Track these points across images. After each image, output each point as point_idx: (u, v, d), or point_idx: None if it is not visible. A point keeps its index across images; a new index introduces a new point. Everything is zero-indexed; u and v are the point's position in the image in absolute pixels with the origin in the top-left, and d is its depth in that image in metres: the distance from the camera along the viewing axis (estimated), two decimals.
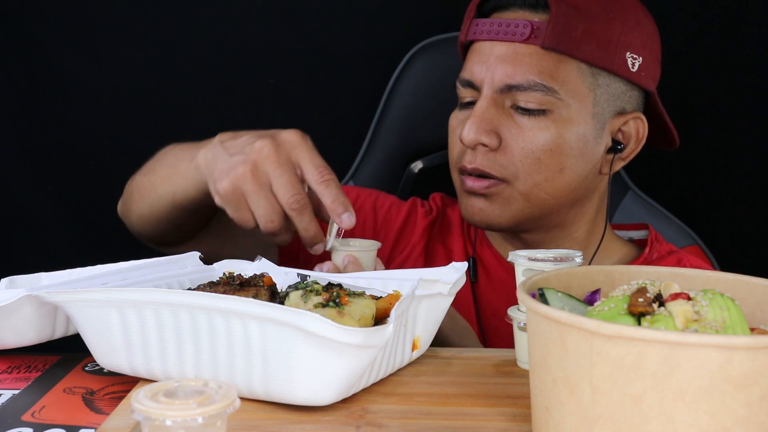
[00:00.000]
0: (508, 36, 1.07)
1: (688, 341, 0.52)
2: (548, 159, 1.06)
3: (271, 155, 0.92)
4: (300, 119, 1.64)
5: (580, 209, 1.14)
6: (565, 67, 1.06)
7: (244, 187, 0.90)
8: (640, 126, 1.12)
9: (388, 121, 1.47)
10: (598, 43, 1.05)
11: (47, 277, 0.92)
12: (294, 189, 0.90)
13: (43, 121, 1.65)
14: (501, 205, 1.09)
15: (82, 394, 0.79)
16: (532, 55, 1.05)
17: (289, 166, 0.92)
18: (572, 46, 1.05)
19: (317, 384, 0.68)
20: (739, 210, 1.64)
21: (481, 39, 1.09)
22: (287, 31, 1.61)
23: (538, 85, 1.05)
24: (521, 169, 1.06)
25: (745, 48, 1.58)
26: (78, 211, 1.66)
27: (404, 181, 1.49)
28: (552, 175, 1.07)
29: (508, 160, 1.07)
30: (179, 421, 0.52)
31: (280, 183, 0.91)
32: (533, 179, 1.07)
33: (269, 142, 0.93)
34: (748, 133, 1.61)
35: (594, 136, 1.08)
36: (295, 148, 0.94)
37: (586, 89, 1.07)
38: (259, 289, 0.79)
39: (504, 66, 1.06)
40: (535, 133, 1.06)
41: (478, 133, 1.06)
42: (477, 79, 1.08)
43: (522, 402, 0.73)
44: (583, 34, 1.05)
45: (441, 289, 0.81)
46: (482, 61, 1.08)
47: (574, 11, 1.05)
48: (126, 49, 1.62)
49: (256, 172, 0.91)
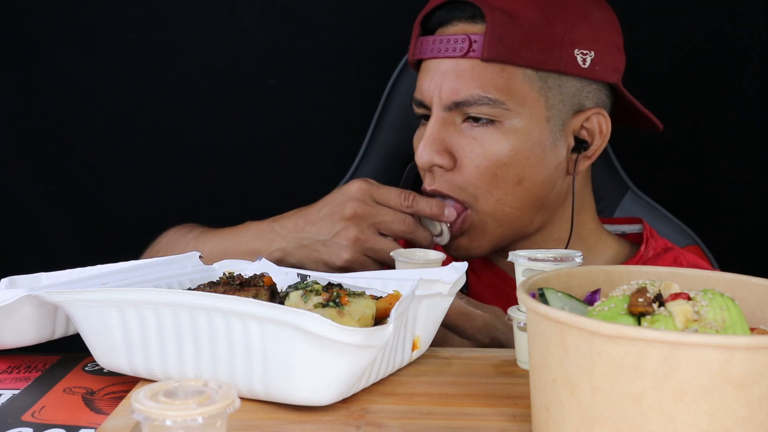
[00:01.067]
0: (449, 52, 1.06)
1: (688, 341, 0.52)
2: (504, 173, 1.05)
3: (360, 206, 1.05)
4: (300, 119, 1.64)
5: (554, 213, 1.12)
6: (509, 76, 1.04)
7: (362, 248, 1.04)
8: (602, 121, 1.09)
9: (387, 121, 1.47)
10: (539, 46, 1.03)
11: (47, 277, 0.92)
12: (397, 217, 1.05)
13: (43, 122, 1.64)
14: (478, 236, 1.09)
15: (82, 394, 0.79)
16: (474, 69, 1.04)
17: (378, 208, 1.05)
18: (512, 55, 1.03)
19: (317, 384, 0.68)
20: (739, 210, 1.63)
21: (426, 57, 1.09)
22: (287, 31, 1.61)
23: (483, 98, 1.03)
24: (480, 188, 1.06)
25: (744, 48, 1.58)
26: (78, 211, 1.66)
27: (404, 181, 1.49)
28: (511, 188, 1.06)
29: (465, 180, 1.06)
30: (179, 421, 0.52)
31: (385, 222, 1.05)
32: (494, 196, 1.06)
33: (351, 201, 1.05)
34: (748, 133, 1.61)
35: (552, 140, 1.07)
36: (372, 191, 1.06)
37: (535, 94, 1.05)
38: (259, 289, 0.79)
39: (448, 83, 1.05)
40: (488, 147, 1.04)
41: (431, 155, 1.05)
42: (426, 98, 1.08)
43: (522, 402, 0.73)
44: (522, 41, 1.03)
45: (441, 289, 0.81)
46: (429, 79, 1.08)
47: (509, 18, 1.03)
48: (126, 49, 1.62)
49: (361, 228, 1.05)
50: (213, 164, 1.64)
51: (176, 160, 1.65)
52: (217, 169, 1.65)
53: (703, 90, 1.60)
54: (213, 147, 1.65)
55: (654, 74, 1.57)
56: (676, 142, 1.61)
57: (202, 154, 1.65)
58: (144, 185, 1.66)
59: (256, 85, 1.63)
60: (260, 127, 1.64)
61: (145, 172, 1.66)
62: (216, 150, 1.64)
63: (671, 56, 1.60)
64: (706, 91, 1.60)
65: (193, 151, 1.65)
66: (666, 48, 1.59)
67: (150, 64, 1.63)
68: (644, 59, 1.53)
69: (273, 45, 1.62)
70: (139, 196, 1.66)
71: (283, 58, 1.62)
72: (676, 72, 1.60)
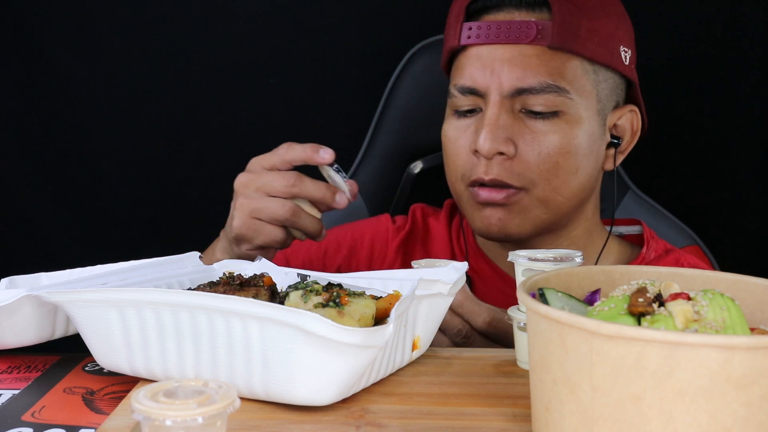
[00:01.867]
0: (512, 38, 1.04)
1: (688, 341, 0.52)
2: (565, 162, 1.05)
3: (244, 176, 1.01)
4: (300, 119, 1.64)
5: (581, 209, 1.13)
6: (572, 65, 1.04)
7: (247, 210, 0.99)
8: (634, 119, 1.12)
9: (387, 121, 1.47)
10: (599, 39, 1.05)
11: (47, 277, 0.92)
12: (282, 176, 0.98)
13: (43, 121, 1.65)
14: (520, 214, 1.07)
15: (82, 394, 0.79)
16: (540, 56, 1.03)
17: (261, 172, 0.99)
18: (578, 44, 1.04)
19: (317, 384, 0.68)
20: (739, 210, 1.63)
21: (479, 43, 1.06)
22: (287, 31, 1.61)
23: (551, 86, 1.03)
24: (539, 176, 1.04)
25: (744, 48, 1.58)
26: (78, 211, 1.66)
27: (404, 181, 1.49)
28: (568, 177, 1.06)
29: (525, 167, 1.04)
30: (179, 421, 0.52)
31: (268, 183, 0.98)
32: (551, 184, 1.05)
33: (239, 175, 1.01)
34: (749, 133, 1.61)
35: (600, 133, 1.08)
36: (258, 160, 1.01)
37: (590, 86, 1.06)
38: (259, 289, 0.79)
39: (512, 69, 1.03)
40: (550, 136, 1.04)
41: (495, 142, 1.03)
42: (481, 85, 1.05)
43: (522, 402, 0.73)
44: (586, 32, 1.04)
45: (441, 289, 0.81)
46: (485, 66, 1.05)
47: (575, 8, 1.04)
48: (126, 49, 1.62)
49: (246, 194, 1.00)
50: (213, 164, 1.64)
51: (176, 160, 1.65)
52: (217, 169, 1.65)
53: (704, 90, 1.60)
54: (213, 147, 1.65)
55: (654, 74, 1.57)
56: (677, 142, 1.61)
57: (202, 154, 1.65)
58: (144, 185, 1.66)
59: (256, 85, 1.63)
60: (260, 127, 1.64)
61: (145, 172, 1.66)
62: (216, 150, 1.64)
63: (672, 56, 1.60)
64: (707, 91, 1.60)
65: (193, 150, 1.65)
66: (666, 48, 1.59)
67: (150, 64, 1.63)
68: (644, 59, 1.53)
69: (273, 45, 1.62)
70: (139, 196, 1.66)
71: (283, 58, 1.62)
72: (677, 72, 1.60)
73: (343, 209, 1.02)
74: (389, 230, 1.26)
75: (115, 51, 1.62)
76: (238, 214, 1.00)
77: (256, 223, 0.99)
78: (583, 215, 1.14)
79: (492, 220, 1.07)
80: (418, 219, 1.28)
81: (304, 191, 0.99)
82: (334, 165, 1.00)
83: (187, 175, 1.65)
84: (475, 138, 1.05)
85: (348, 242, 1.25)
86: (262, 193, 0.99)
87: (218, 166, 1.65)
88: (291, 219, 0.99)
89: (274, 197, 0.98)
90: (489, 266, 1.20)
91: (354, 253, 1.25)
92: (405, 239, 1.25)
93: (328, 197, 0.99)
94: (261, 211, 0.99)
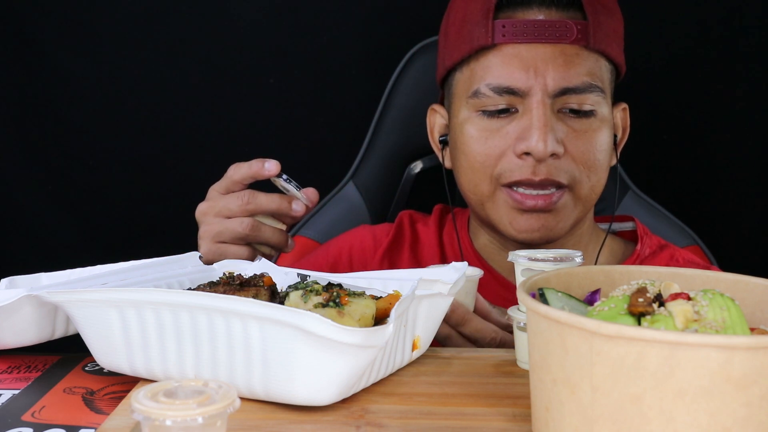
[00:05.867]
0: (553, 37, 1.03)
1: (688, 341, 0.52)
2: (603, 159, 1.07)
3: (203, 207, 1.02)
4: (300, 119, 1.64)
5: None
6: (600, 65, 1.06)
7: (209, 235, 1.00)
8: (624, 116, 1.16)
9: (387, 121, 1.47)
10: (617, 39, 1.07)
11: (47, 277, 0.92)
12: (236, 197, 0.99)
13: (43, 121, 1.65)
14: (563, 216, 1.07)
15: (82, 394, 0.79)
16: (580, 56, 1.04)
17: (217, 197, 1.01)
18: (608, 45, 1.05)
19: (317, 384, 0.68)
20: (739, 210, 1.64)
21: (517, 41, 1.04)
22: (287, 31, 1.61)
23: (592, 86, 1.04)
24: (582, 173, 1.05)
25: (744, 48, 1.58)
26: (78, 211, 1.66)
27: (404, 181, 1.49)
28: (602, 174, 1.08)
29: (572, 166, 1.05)
30: (179, 421, 0.52)
31: (225, 208, 1.00)
32: (591, 180, 1.06)
33: (198, 209, 1.03)
34: (748, 133, 1.61)
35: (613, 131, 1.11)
36: (215, 186, 1.03)
37: (609, 85, 1.08)
38: (259, 289, 0.79)
39: (558, 69, 1.02)
40: (590, 135, 1.05)
41: (551, 144, 1.02)
42: (522, 85, 1.03)
43: (522, 402, 0.73)
44: (612, 33, 1.06)
45: (441, 289, 0.81)
46: (526, 65, 1.03)
47: (603, 8, 1.05)
48: (126, 49, 1.62)
49: (206, 221, 1.01)
50: (213, 164, 1.62)
51: (176, 160, 1.65)
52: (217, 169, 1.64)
53: (704, 90, 1.60)
54: (213, 147, 1.65)
55: (654, 74, 1.57)
56: (677, 142, 1.61)
57: (202, 154, 1.65)
58: (144, 185, 1.66)
59: (256, 85, 1.63)
60: (260, 127, 1.64)
61: (145, 172, 1.66)
62: (216, 150, 1.64)
63: (671, 56, 1.60)
64: (707, 91, 1.60)
65: (193, 151, 1.65)
66: (666, 48, 1.59)
67: (150, 64, 1.63)
68: (645, 59, 1.53)
69: (273, 45, 1.62)
70: (139, 196, 1.66)
71: (283, 58, 1.62)
72: (677, 72, 1.60)
73: (302, 217, 1.02)
74: (369, 240, 1.25)
75: (115, 51, 1.62)
76: (203, 242, 1.01)
77: (221, 247, 1.00)
78: (590, 213, 1.16)
79: (534, 227, 1.06)
80: (405, 226, 1.27)
81: (260, 206, 1.00)
82: (283, 175, 1.01)
83: (186, 175, 1.65)
84: (521, 139, 1.04)
85: (329, 261, 1.25)
86: (222, 217, 1.00)
87: (218, 166, 1.64)
88: (252, 234, 1.00)
89: (232, 218, 1.00)
90: (487, 271, 1.19)
91: (336, 270, 1.23)
92: (389, 248, 1.24)
93: (284, 207, 1.00)
94: (222, 233, 1.00)
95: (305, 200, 1.01)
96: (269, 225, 1.02)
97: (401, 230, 1.26)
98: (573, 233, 1.14)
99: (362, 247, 1.25)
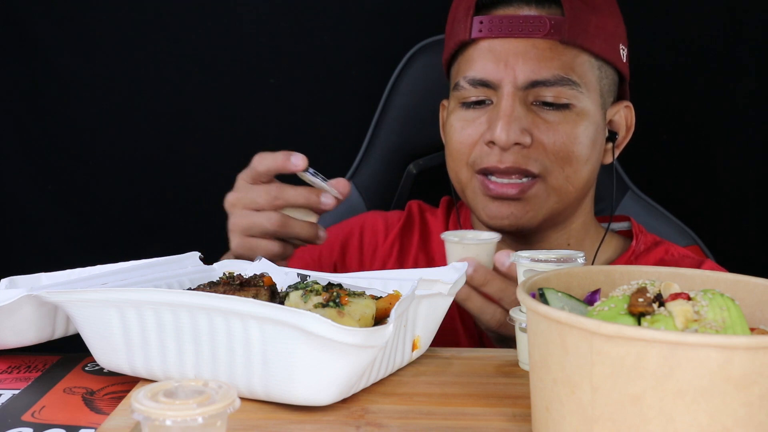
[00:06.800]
0: (525, 32, 1.06)
1: (688, 341, 0.52)
2: (577, 151, 1.07)
3: (231, 195, 1.01)
4: (300, 119, 1.64)
5: (582, 202, 1.14)
6: (581, 60, 1.07)
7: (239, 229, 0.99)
8: (628, 115, 1.16)
9: (387, 121, 1.47)
10: (604, 36, 1.08)
11: (47, 277, 0.92)
12: (264, 191, 0.98)
13: (43, 121, 1.65)
14: (533, 206, 1.08)
15: (82, 394, 0.79)
16: (553, 50, 1.06)
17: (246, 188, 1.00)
18: (587, 40, 1.06)
19: (317, 384, 0.68)
20: (739, 210, 1.64)
21: (492, 36, 1.08)
22: (287, 31, 1.61)
23: (564, 79, 1.05)
24: (554, 163, 1.06)
25: (744, 48, 1.58)
26: (78, 211, 1.66)
27: (403, 181, 1.49)
28: (579, 167, 1.08)
29: (541, 155, 1.06)
30: (179, 421, 0.52)
31: (253, 201, 0.98)
32: (564, 172, 1.07)
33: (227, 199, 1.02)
34: (748, 133, 1.61)
35: (602, 127, 1.11)
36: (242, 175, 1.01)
37: (595, 81, 1.09)
38: (259, 289, 0.79)
39: (527, 62, 1.05)
40: (563, 126, 1.06)
41: (512, 133, 1.04)
42: (494, 77, 1.07)
43: (522, 402, 0.73)
44: (594, 28, 1.07)
45: (441, 289, 0.81)
46: (498, 58, 1.07)
47: (584, 5, 1.06)
48: (126, 49, 1.62)
49: (235, 213, 1.00)
50: (213, 164, 1.64)
51: (176, 160, 1.65)
52: (217, 169, 1.65)
53: (704, 90, 1.60)
54: (213, 147, 1.65)
55: (654, 74, 1.57)
56: (677, 142, 1.61)
57: (202, 154, 1.65)
58: (144, 185, 1.66)
59: (256, 85, 1.63)
60: (260, 127, 1.64)
61: (145, 172, 1.66)
62: (216, 150, 1.64)
63: (672, 57, 1.60)
64: (707, 91, 1.60)
65: (193, 151, 1.65)
66: (666, 48, 1.59)
67: (150, 64, 1.63)
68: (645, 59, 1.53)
69: (273, 45, 1.62)
70: (139, 196, 1.66)
71: (283, 58, 1.62)
72: (677, 72, 1.60)
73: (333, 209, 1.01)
74: (381, 223, 1.27)
75: (115, 51, 1.62)
76: (233, 235, 1.01)
77: (251, 241, 1.00)
78: (582, 209, 1.16)
79: (503, 214, 1.08)
80: (415, 214, 1.29)
81: (288, 201, 0.99)
82: (310, 169, 1.00)
83: (186, 175, 1.65)
84: (489, 129, 1.07)
85: (340, 240, 1.26)
86: (250, 210, 0.99)
87: (218, 166, 1.65)
88: (281, 230, 0.99)
89: (261, 211, 0.99)
90: None
91: (346, 249, 1.25)
92: (400, 233, 1.26)
93: (313, 201, 0.99)
94: (251, 228, 0.99)
95: (335, 192, 1.00)
96: (299, 218, 1.00)
97: (411, 217, 1.29)
98: (564, 228, 1.15)
99: (374, 230, 1.27)
